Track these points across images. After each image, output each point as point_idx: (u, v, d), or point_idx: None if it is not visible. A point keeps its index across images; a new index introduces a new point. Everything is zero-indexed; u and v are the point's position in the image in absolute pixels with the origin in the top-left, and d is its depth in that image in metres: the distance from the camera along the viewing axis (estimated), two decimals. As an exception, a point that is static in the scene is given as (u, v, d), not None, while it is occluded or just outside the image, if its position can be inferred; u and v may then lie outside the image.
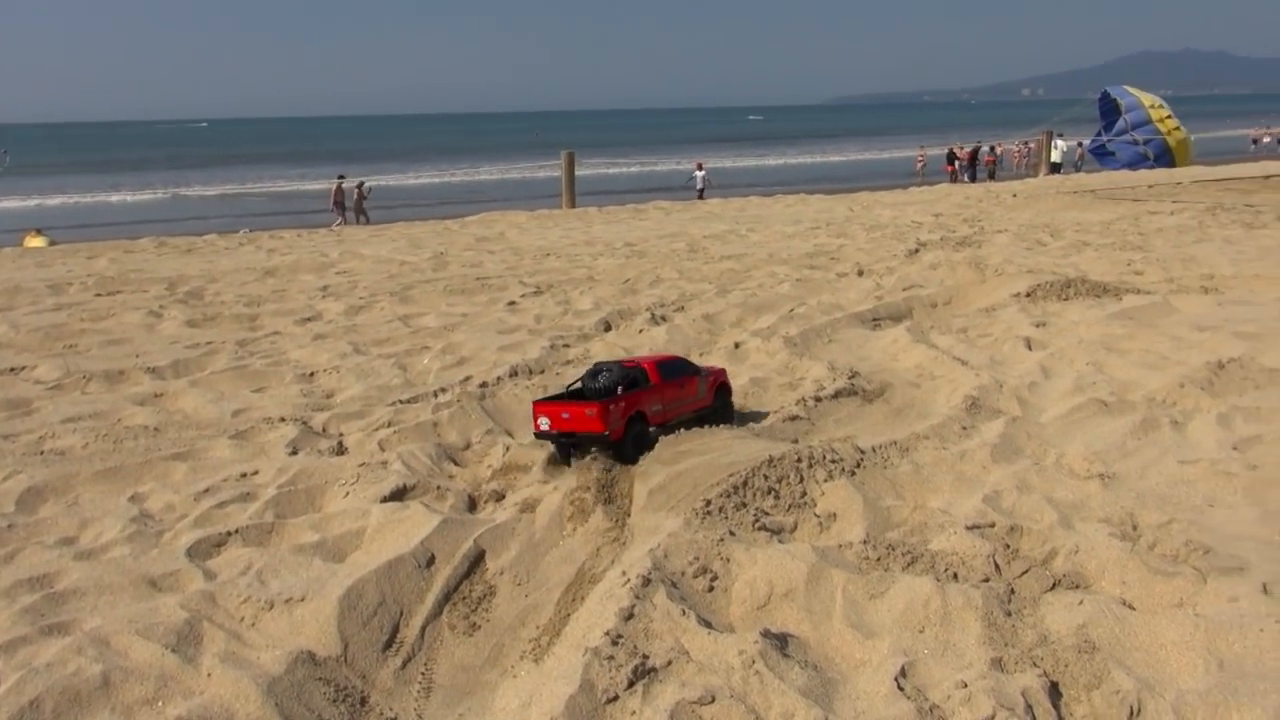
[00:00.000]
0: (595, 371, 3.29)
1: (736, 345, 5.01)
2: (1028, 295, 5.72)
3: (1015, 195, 14.64)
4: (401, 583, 2.49)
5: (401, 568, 2.54)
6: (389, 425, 3.75)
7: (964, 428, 3.35)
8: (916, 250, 8.26)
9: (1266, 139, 45.66)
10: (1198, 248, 7.87)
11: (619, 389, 3.16)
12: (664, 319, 5.65)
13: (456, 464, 3.41)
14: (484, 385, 4.33)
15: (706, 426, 3.24)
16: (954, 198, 14.97)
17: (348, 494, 3.04)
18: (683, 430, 3.19)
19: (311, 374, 4.70)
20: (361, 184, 21.41)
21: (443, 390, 4.27)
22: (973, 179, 34.05)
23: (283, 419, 3.86)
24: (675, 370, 3.42)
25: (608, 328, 5.56)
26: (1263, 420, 3.38)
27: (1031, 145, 33.16)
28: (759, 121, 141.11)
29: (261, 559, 2.61)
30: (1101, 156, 34.63)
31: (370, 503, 2.92)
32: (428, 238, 11.22)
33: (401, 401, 4.11)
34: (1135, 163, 33.34)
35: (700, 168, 24.29)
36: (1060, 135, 34.99)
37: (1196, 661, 1.96)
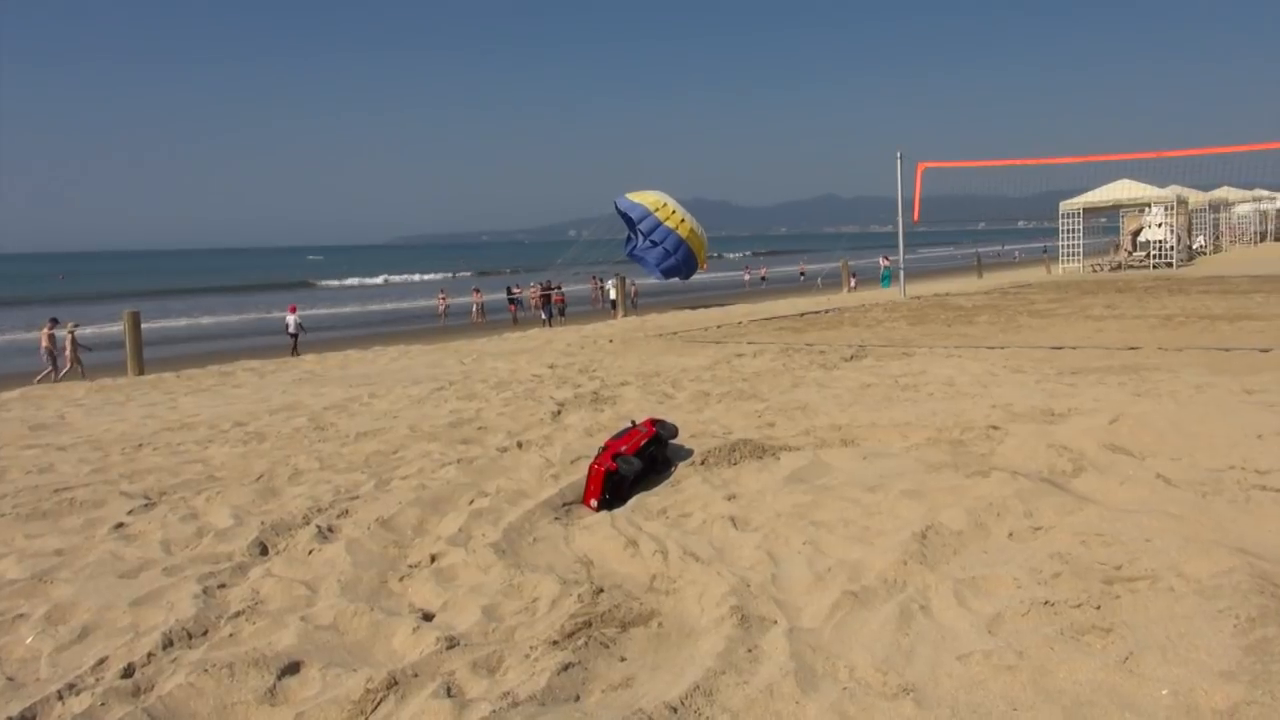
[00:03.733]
0: (630, 425, 5.82)
1: (434, 559, 4.39)
2: (702, 463, 5.80)
3: (611, 340, 15.46)
4: None
5: None
6: (5, 770, 2.62)
7: (749, 650, 3.11)
8: (559, 412, 8.18)
9: (747, 277, 54.45)
10: (799, 393, 8.70)
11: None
12: (332, 530, 4.84)
13: (136, 820, 2.43)
14: (130, 671, 3.26)
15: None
16: (556, 345, 15.43)
17: None
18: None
19: None
20: (74, 328, 18.10)
21: (71, 688, 3.13)
22: (549, 316, 35.98)
23: None
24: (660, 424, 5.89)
25: (264, 550, 4.62)
26: (987, 593, 3.58)
27: (606, 284, 35.89)
28: (319, 261, 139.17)
29: None
30: (639, 261, 38.50)
31: None
32: (-47, 429, 8.93)
33: (12, 721, 2.92)
34: (662, 261, 37.47)
35: (293, 311, 22.95)
36: (617, 275, 38.40)
37: None
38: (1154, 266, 34.65)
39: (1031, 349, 11.50)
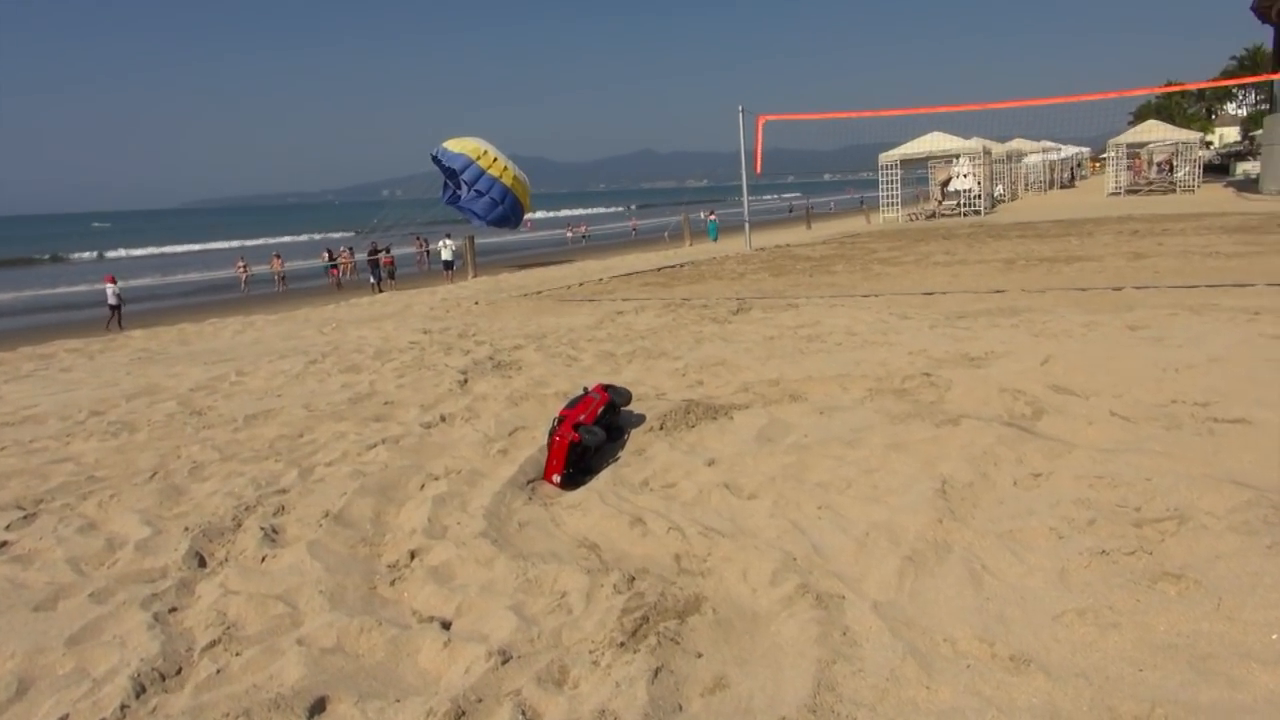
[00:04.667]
0: (583, 392, 5.34)
1: (414, 555, 3.89)
2: (660, 428, 5.50)
3: (477, 303, 14.79)
4: None
5: None
6: None
7: (844, 633, 2.86)
8: (465, 381, 7.64)
9: (570, 234, 54.55)
10: (707, 348, 8.53)
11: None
12: (277, 531, 4.23)
13: None
14: (114, 725, 2.65)
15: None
16: (417, 309, 14.62)
17: None
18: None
19: None
20: None
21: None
22: (378, 280, 34.48)
23: None
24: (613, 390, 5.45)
25: (202, 561, 3.97)
26: (1033, 546, 3.48)
27: (437, 244, 34.64)
28: (106, 229, 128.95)
29: None
30: (465, 212, 37.49)
31: None
32: None
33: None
34: (490, 211, 36.65)
35: (112, 282, 20.86)
36: (449, 235, 37.25)
37: None
38: (964, 215, 36.78)
39: (905, 296, 11.81)
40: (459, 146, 36.12)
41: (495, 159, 35.85)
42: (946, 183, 40.28)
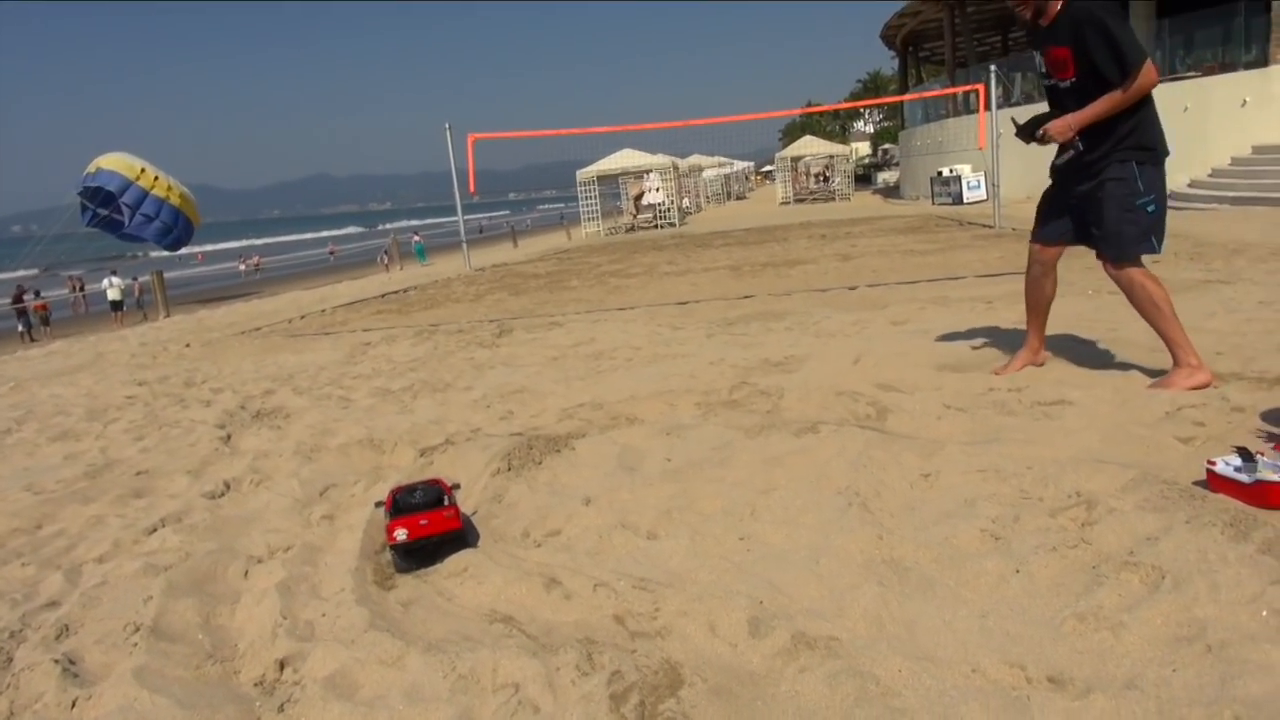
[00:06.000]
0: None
1: (283, 666, 3.09)
2: (509, 469, 4.92)
3: (188, 345, 13.01)
4: None
5: None
6: None
7: (877, 684, 2.55)
8: (229, 437, 6.55)
9: (243, 267, 51.34)
10: (494, 375, 7.98)
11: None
12: (74, 663, 3.20)
13: None
14: None
15: None
16: (113, 358, 12.60)
17: None
18: None
19: None
20: None
21: None
22: (28, 328, 30.66)
23: None
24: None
25: (-24, 724, 2.90)
26: (978, 552, 3.39)
27: (103, 283, 30.77)
28: None
29: None
30: (133, 240, 34.16)
31: None
32: None
33: None
34: (164, 236, 33.77)
35: None
36: (114, 272, 33.89)
37: None
38: (660, 227, 38.42)
39: (659, 307, 11.89)
40: (111, 164, 32.35)
41: (156, 177, 32.59)
42: (639, 197, 41.88)
